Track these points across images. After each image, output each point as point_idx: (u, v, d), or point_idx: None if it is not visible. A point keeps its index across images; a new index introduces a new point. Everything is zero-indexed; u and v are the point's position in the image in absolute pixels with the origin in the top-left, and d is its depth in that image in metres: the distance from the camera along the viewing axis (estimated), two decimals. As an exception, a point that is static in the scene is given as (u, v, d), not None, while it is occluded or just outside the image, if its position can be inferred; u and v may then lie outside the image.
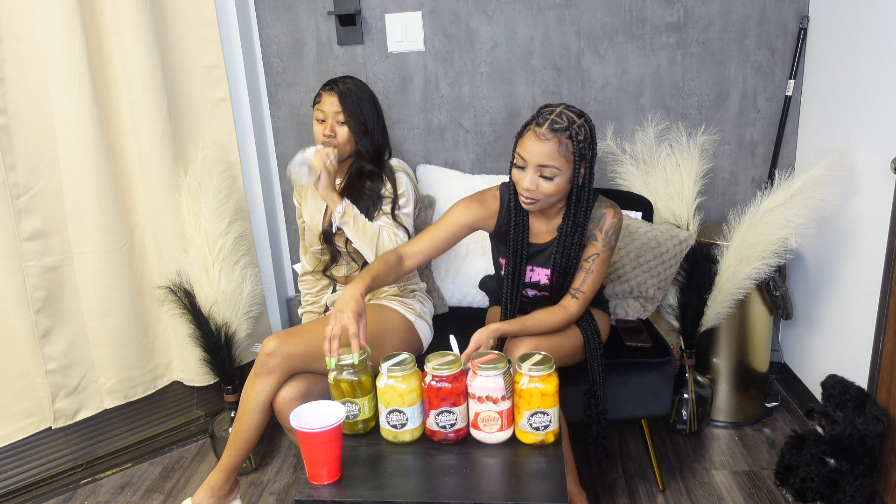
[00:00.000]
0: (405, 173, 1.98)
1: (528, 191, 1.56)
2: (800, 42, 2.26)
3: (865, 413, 1.70)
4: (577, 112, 1.57)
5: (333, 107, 1.90)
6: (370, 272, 1.59)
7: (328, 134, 1.91)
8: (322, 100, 1.92)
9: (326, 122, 1.91)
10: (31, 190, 1.92)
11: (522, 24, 2.34)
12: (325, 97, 1.91)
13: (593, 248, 1.67)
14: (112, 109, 2.02)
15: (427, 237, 1.72)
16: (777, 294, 2.20)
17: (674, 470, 2.10)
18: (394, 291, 2.00)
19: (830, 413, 1.73)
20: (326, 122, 1.91)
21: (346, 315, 1.45)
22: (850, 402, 1.73)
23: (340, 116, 1.90)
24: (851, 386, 1.77)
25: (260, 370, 1.66)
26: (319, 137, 1.93)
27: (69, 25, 1.86)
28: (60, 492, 2.15)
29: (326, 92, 1.92)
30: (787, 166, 2.38)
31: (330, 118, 1.91)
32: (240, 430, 1.71)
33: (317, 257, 2.05)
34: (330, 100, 1.90)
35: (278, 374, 1.67)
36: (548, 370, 1.36)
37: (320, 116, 1.92)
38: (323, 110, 1.91)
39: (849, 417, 1.70)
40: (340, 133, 1.92)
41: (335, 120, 1.91)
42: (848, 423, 1.70)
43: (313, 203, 2.02)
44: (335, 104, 1.90)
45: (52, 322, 2.00)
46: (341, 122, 1.91)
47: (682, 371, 2.22)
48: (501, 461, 1.37)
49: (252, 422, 1.69)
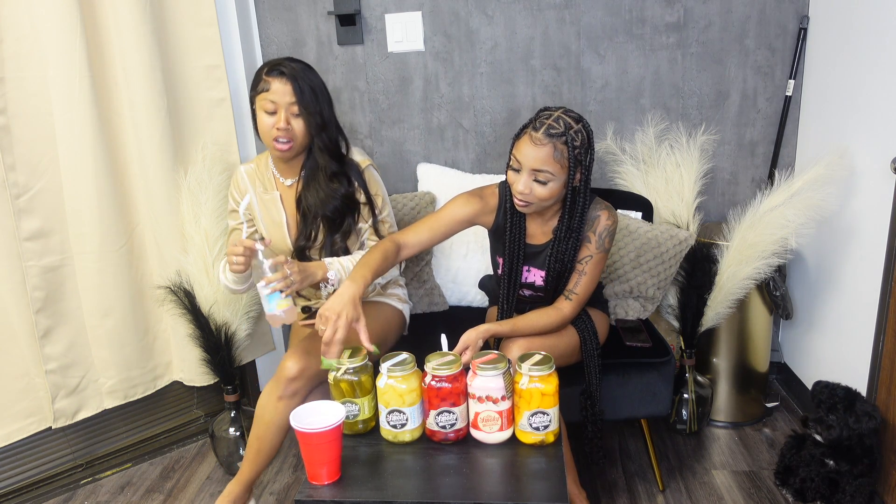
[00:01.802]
0: (373, 168, 1.82)
1: (522, 194, 1.56)
2: (800, 42, 2.26)
3: (856, 412, 1.70)
4: (575, 117, 1.56)
5: (286, 97, 1.64)
6: (370, 267, 1.57)
7: (282, 128, 1.65)
8: (271, 87, 1.64)
9: (278, 114, 1.66)
10: (31, 190, 1.92)
11: (522, 24, 2.34)
12: (274, 83, 1.64)
13: (587, 250, 1.67)
14: (112, 109, 2.02)
15: (426, 228, 1.71)
16: (777, 294, 2.20)
17: (674, 470, 2.10)
18: (377, 291, 1.94)
19: (824, 418, 1.73)
20: (279, 115, 1.66)
21: (341, 321, 1.45)
22: (840, 404, 1.73)
23: (295, 108, 1.66)
24: (838, 388, 1.77)
25: (284, 393, 1.65)
26: (269, 132, 1.68)
27: (69, 25, 1.86)
28: (60, 492, 2.15)
29: (275, 78, 1.65)
30: (787, 166, 2.38)
31: (283, 110, 1.65)
32: (262, 447, 1.70)
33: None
34: (283, 88, 1.64)
35: (302, 393, 1.67)
36: (548, 370, 1.36)
37: (269, 108, 1.65)
38: (273, 101, 1.65)
39: (841, 419, 1.70)
40: (296, 127, 1.67)
41: (289, 112, 1.66)
42: (842, 426, 1.69)
43: (267, 216, 1.83)
44: (288, 93, 1.64)
45: (52, 322, 2.00)
46: (296, 115, 1.67)
47: (682, 371, 2.22)
48: (501, 461, 1.37)
49: (275, 440, 1.70)
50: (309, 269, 1.66)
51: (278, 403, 1.66)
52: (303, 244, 1.79)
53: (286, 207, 1.84)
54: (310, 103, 1.67)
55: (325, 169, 1.73)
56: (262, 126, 1.70)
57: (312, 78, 1.69)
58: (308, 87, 1.67)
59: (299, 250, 1.80)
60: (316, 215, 1.76)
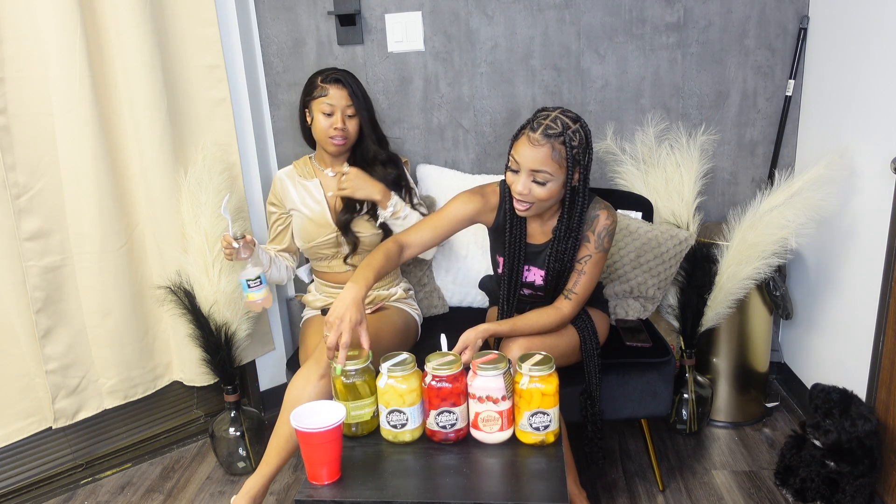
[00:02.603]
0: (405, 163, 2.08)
1: (521, 195, 1.56)
2: (800, 42, 2.26)
3: (851, 415, 1.70)
4: (573, 117, 1.56)
5: (343, 100, 1.91)
6: (373, 268, 1.57)
7: (340, 127, 1.91)
8: (329, 93, 1.91)
9: (335, 115, 1.91)
10: (31, 190, 1.91)
11: (522, 24, 2.34)
12: (332, 90, 1.91)
13: (585, 250, 1.67)
14: (112, 109, 2.02)
15: (429, 227, 1.71)
16: (777, 294, 2.20)
17: (674, 470, 2.10)
18: (401, 294, 2.06)
19: (821, 423, 1.73)
20: (335, 116, 1.91)
21: (345, 324, 1.45)
22: (835, 408, 1.72)
23: (350, 110, 1.92)
24: (833, 391, 1.76)
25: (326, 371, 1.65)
26: (326, 131, 1.92)
27: (69, 25, 1.85)
28: (60, 492, 2.15)
29: (333, 85, 1.91)
30: (787, 166, 2.38)
31: (339, 112, 1.91)
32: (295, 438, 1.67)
33: (318, 251, 2.03)
34: (340, 93, 1.91)
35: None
36: (548, 370, 1.36)
37: (327, 110, 1.91)
38: (332, 104, 1.90)
39: (837, 423, 1.70)
40: (350, 126, 1.93)
41: (345, 114, 1.91)
42: (839, 430, 1.69)
43: (308, 196, 2.02)
44: (345, 97, 1.91)
45: (52, 322, 2.00)
46: (350, 116, 1.93)
47: (682, 371, 2.22)
48: (501, 461, 1.37)
49: None
50: (368, 179, 1.91)
51: (319, 382, 1.65)
52: (347, 217, 1.96)
53: (326, 192, 2.03)
54: (362, 105, 1.94)
55: (378, 155, 2.00)
56: (319, 126, 1.94)
57: (359, 84, 1.96)
58: (360, 92, 1.95)
59: (343, 224, 1.97)
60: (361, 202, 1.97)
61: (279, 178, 2.08)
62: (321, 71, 1.97)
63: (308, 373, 1.66)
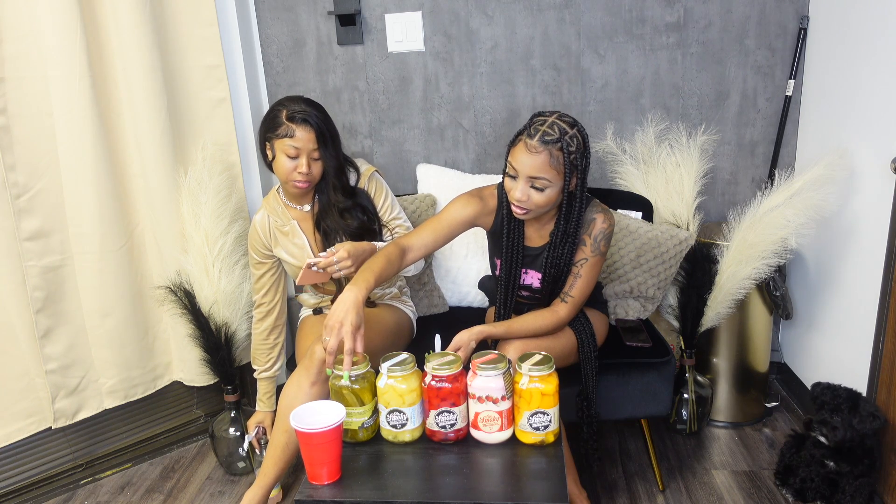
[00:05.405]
0: (378, 174, 1.93)
1: (520, 201, 1.56)
2: (800, 42, 2.26)
3: (860, 412, 1.70)
4: (570, 122, 1.55)
5: (311, 143, 1.75)
6: (373, 271, 1.56)
7: (304, 172, 1.76)
8: (296, 135, 1.73)
9: (301, 158, 1.75)
10: (31, 190, 1.92)
11: (522, 24, 2.34)
12: (299, 132, 1.73)
13: (582, 253, 1.67)
14: (112, 109, 2.02)
15: (430, 231, 1.70)
16: (777, 294, 2.20)
17: (674, 470, 2.10)
18: (395, 293, 2.03)
19: (829, 420, 1.73)
20: (301, 160, 1.75)
21: (346, 329, 1.43)
22: (844, 405, 1.72)
23: (316, 154, 1.77)
24: (840, 389, 1.76)
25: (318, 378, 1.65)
26: (290, 174, 1.77)
27: (69, 25, 1.86)
28: (60, 492, 2.15)
29: (300, 126, 1.73)
30: (787, 166, 2.38)
31: (304, 155, 1.75)
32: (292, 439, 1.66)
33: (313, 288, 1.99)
34: (307, 135, 1.74)
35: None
36: (548, 370, 1.36)
37: (292, 153, 1.75)
38: (297, 147, 1.74)
39: (846, 421, 1.70)
40: (315, 169, 1.79)
41: (311, 157, 1.77)
42: (847, 427, 1.69)
43: (290, 243, 1.92)
44: (312, 140, 1.75)
45: (52, 322, 2.00)
46: (315, 159, 1.78)
47: (682, 371, 2.22)
48: (501, 461, 1.37)
49: None
50: (359, 247, 1.73)
51: (311, 389, 1.64)
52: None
53: (305, 231, 1.92)
54: (329, 149, 1.79)
55: (337, 205, 1.84)
56: (281, 167, 1.78)
57: (328, 122, 1.80)
58: (328, 134, 1.78)
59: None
60: (337, 231, 1.86)
61: (259, 224, 1.92)
62: (286, 103, 1.77)
63: (299, 380, 1.66)
